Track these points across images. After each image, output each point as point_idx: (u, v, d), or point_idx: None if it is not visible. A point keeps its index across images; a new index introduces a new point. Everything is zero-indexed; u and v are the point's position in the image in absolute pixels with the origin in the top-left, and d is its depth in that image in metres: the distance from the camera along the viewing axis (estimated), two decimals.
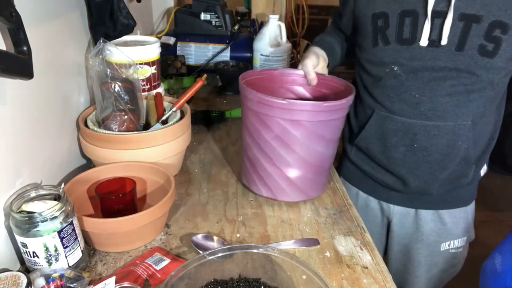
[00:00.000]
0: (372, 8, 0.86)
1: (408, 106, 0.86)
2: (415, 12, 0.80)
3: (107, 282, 0.60)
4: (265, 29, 1.53)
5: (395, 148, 0.91)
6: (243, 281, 0.63)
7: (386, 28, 0.84)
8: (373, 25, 0.86)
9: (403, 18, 0.82)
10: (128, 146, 0.84)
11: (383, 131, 0.92)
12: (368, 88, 0.95)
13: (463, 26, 0.77)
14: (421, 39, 0.81)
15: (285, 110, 0.76)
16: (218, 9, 1.57)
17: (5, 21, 0.58)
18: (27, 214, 0.60)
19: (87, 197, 0.81)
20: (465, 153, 0.88)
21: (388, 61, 0.86)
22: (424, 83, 0.83)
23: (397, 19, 0.82)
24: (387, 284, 0.67)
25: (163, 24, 1.79)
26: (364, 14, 0.89)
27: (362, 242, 0.77)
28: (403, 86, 0.86)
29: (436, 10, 0.78)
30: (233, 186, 0.95)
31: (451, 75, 0.81)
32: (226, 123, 1.29)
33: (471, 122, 0.85)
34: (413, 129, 0.87)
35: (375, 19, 0.86)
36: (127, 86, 0.88)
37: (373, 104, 0.94)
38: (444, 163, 0.89)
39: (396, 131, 0.89)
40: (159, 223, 0.77)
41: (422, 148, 0.88)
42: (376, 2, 0.86)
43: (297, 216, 0.85)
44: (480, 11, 0.76)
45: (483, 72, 0.79)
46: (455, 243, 1.02)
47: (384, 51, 0.86)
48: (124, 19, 0.96)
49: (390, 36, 0.84)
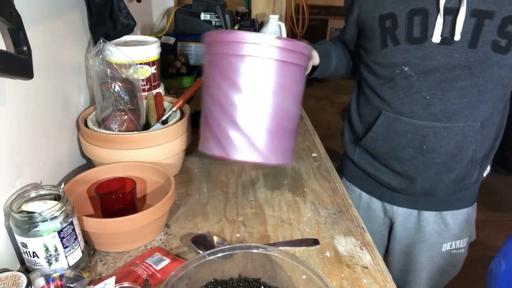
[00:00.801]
0: (379, 10, 0.85)
1: (418, 107, 0.85)
2: (424, 10, 0.79)
3: (107, 282, 0.60)
4: (265, 29, 1.53)
5: (403, 149, 0.90)
6: (243, 281, 0.63)
7: (395, 28, 0.83)
8: (381, 26, 0.85)
9: (412, 17, 0.81)
10: (128, 146, 0.84)
11: (391, 132, 0.90)
12: (375, 89, 0.93)
13: (476, 22, 0.76)
14: (433, 36, 0.79)
15: (234, 44, 0.70)
16: (218, 9, 1.57)
17: (5, 21, 0.58)
18: (27, 214, 0.60)
19: (87, 197, 0.81)
20: (473, 154, 0.87)
21: (398, 62, 0.84)
22: (436, 84, 0.82)
23: (406, 19, 0.81)
24: (387, 284, 0.67)
25: (163, 24, 1.79)
26: (371, 17, 0.87)
27: (362, 242, 0.77)
28: (413, 87, 0.84)
29: (448, 7, 0.77)
30: (233, 186, 0.95)
31: (464, 75, 0.80)
32: None
33: (480, 124, 0.84)
34: (422, 131, 0.86)
35: (383, 20, 0.85)
36: (127, 86, 0.88)
37: (380, 105, 0.91)
38: (452, 165, 0.88)
39: (405, 133, 0.88)
40: (159, 223, 0.77)
41: (431, 149, 0.87)
42: (383, 4, 0.84)
43: (297, 216, 0.85)
44: (492, 7, 0.75)
45: (496, 70, 0.78)
46: (456, 244, 1.02)
47: (394, 51, 0.84)
48: (124, 19, 0.96)
49: (399, 36, 0.83)
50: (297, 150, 1.14)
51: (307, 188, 0.95)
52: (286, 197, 0.91)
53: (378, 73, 0.90)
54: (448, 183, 0.92)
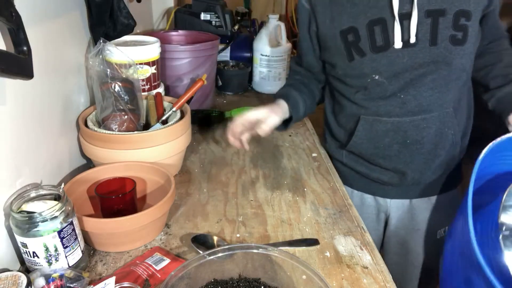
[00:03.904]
0: (338, 26, 0.86)
1: (394, 107, 0.88)
2: (382, 20, 0.83)
3: (107, 282, 0.60)
4: (265, 29, 1.53)
5: (388, 147, 0.93)
6: (243, 281, 0.63)
7: (358, 41, 0.85)
8: (344, 41, 0.87)
9: (372, 27, 0.83)
10: (128, 146, 0.84)
11: (373, 134, 0.93)
12: (350, 98, 0.95)
13: (431, 21, 0.81)
14: (394, 43, 0.83)
15: None
16: (218, 9, 1.57)
17: (5, 21, 0.58)
18: (27, 214, 0.60)
19: (87, 197, 0.81)
20: (453, 137, 0.93)
21: (368, 72, 0.87)
22: (407, 83, 0.86)
23: (367, 30, 0.84)
24: (387, 284, 0.67)
25: (163, 24, 1.79)
26: (330, 34, 0.88)
27: (362, 242, 0.77)
28: (387, 91, 0.88)
29: (402, 13, 0.81)
30: (233, 186, 0.95)
31: (430, 69, 0.84)
32: (225, 123, 1.29)
33: (452, 109, 0.90)
34: (403, 127, 0.89)
35: (344, 35, 0.86)
36: (127, 86, 0.88)
37: (357, 111, 0.94)
38: (436, 152, 0.93)
39: (387, 132, 0.91)
40: (159, 223, 0.77)
41: (415, 142, 0.91)
42: (340, 20, 0.86)
43: (297, 216, 0.85)
44: (443, 5, 0.80)
45: (458, 60, 0.84)
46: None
47: (361, 63, 0.87)
48: (124, 19, 0.96)
49: (364, 47, 0.85)
50: (297, 150, 1.14)
51: (307, 188, 0.95)
52: (286, 197, 0.91)
53: (349, 83, 0.93)
54: (435, 169, 0.96)
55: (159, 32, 1.40)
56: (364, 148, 0.96)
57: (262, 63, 1.54)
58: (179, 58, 1.23)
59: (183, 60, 1.24)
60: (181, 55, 1.23)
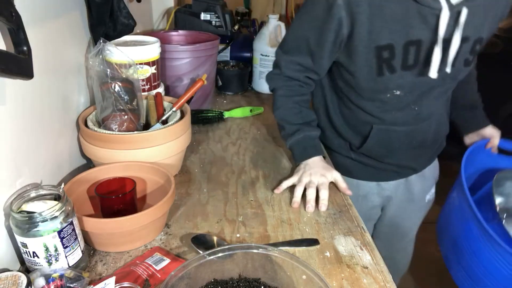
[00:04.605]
0: (375, 40, 0.82)
1: (410, 117, 0.96)
2: (419, 41, 0.83)
3: (107, 282, 0.60)
4: (265, 29, 1.53)
5: (398, 149, 1.03)
6: (243, 281, 0.63)
7: (392, 58, 0.84)
8: (377, 56, 0.84)
9: (407, 47, 0.83)
10: (128, 146, 0.84)
11: (385, 141, 1.00)
12: (364, 108, 0.97)
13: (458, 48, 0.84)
14: (430, 71, 0.83)
15: None
16: (218, 9, 1.57)
17: (5, 21, 0.58)
18: (27, 214, 0.60)
19: (87, 197, 0.81)
20: (445, 130, 1.09)
21: (392, 87, 0.90)
22: (419, 96, 0.93)
23: (402, 49, 0.83)
24: (387, 284, 0.67)
25: (163, 24, 1.79)
26: (365, 46, 0.84)
27: (362, 242, 0.77)
28: (402, 103, 0.93)
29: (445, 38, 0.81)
30: (233, 186, 0.95)
31: (439, 83, 0.91)
32: (225, 123, 1.29)
33: (444, 111, 1.05)
34: (412, 133, 1.00)
35: (380, 51, 0.83)
36: (127, 86, 0.88)
37: (371, 119, 0.98)
38: (434, 145, 1.10)
39: (398, 138, 1.00)
40: (159, 223, 0.77)
41: (421, 142, 1.03)
42: (379, 35, 0.82)
43: (297, 216, 0.85)
44: (468, 33, 0.84)
45: (461, 76, 0.94)
46: (431, 191, 1.23)
47: (389, 79, 0.87)
48: (124, 19, 0.96)
49: (396, 65, 0.85)
50: None
51: None
52: (286, 197, 0.91)
53: (364, 94, 0.94)
54: (431, 157, 1.15)
55: (159, 32, 1.40)
56: (375, 151, 1.04)
57: (262, 63, 1.54)
58: (179, 58, 1.23)
59: (183, 60, 1.24)
60: (181, 55, 1.23)
